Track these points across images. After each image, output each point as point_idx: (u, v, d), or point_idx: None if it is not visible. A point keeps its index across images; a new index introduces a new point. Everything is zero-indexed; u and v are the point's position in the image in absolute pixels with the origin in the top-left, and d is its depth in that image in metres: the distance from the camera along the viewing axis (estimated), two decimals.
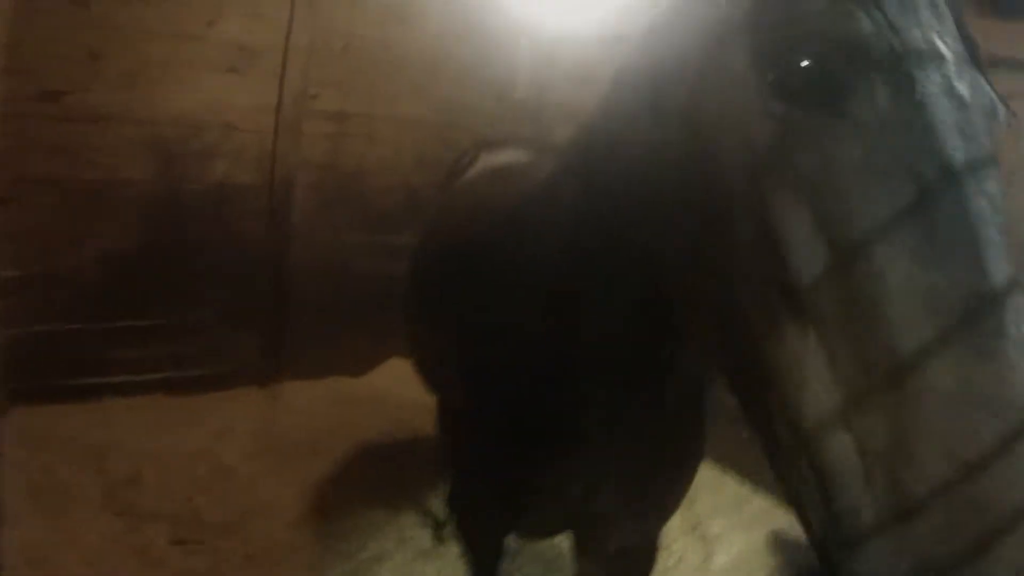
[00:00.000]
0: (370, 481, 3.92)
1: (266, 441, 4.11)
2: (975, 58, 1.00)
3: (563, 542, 2.85)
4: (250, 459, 3.91)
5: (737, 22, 1.00)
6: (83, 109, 3.82)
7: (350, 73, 4.67)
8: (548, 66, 5.24)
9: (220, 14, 4.09)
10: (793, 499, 0.90)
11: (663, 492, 1.95)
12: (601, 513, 1.87)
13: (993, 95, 1.01)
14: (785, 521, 3.77)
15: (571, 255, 1.52)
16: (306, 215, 4.71)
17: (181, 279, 4.32)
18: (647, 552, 2.13)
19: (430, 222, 3.06)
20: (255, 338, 4.68)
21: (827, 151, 0.88)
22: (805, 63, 0.91)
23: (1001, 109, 1.02)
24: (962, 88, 0.92)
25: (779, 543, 3.70)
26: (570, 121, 5.00)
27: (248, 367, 4.66)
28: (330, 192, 4.82)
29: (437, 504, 3.64)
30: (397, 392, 4.74)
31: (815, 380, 0.84)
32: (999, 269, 0.80)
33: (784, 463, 0.90)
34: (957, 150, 0.85)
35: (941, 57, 0.92)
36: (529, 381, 1.69)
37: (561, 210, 1.60)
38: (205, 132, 4.24)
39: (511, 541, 2.42)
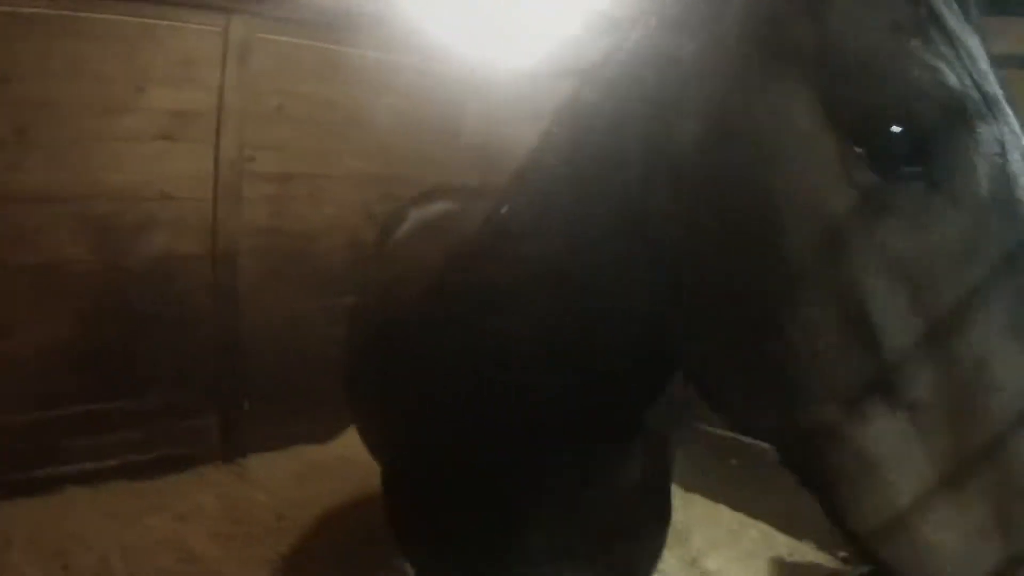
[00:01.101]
0: (340, 552, 3.73)
1: (233, 520, 3.90)
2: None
3: None
4: (218, 541, 3.69)
5: (797, 74, 0.86)
6: (14, 189, 3.62)
7: (288, 132, 4.55)
8: (497, 107, 5.19)
9: (148, 80, 3.94)
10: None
11: (632, 560, 1.78)
12: None
13: None
14: (784, 548, 3.67)
15: (529, 324, 1.30)
16: (253, 283, 4.53)
17: (131, 359, 4.10)
18: None
19: (361, 287, 2.96)
20: (214, 414, 4.45)
21: (923, 226, 0.79)
22: (897, 128, 0.80)
23: None
24: None
25: (780, 570, 3.58)
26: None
27: (209, 444, 4.44)
28: (276, 257, 4.65)
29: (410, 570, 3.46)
30: (364, 457, 4.53)
31: (906, 460, 0.79)
32: None
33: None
34: None
35: (1009, 111, 0.84)
36: (474, 455, 1.53)
37: (512, 272, 1.37)
38: (142, 204, 4.05)
39: None
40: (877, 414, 0.80)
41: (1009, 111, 0.83)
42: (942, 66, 0.80)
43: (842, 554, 3.48)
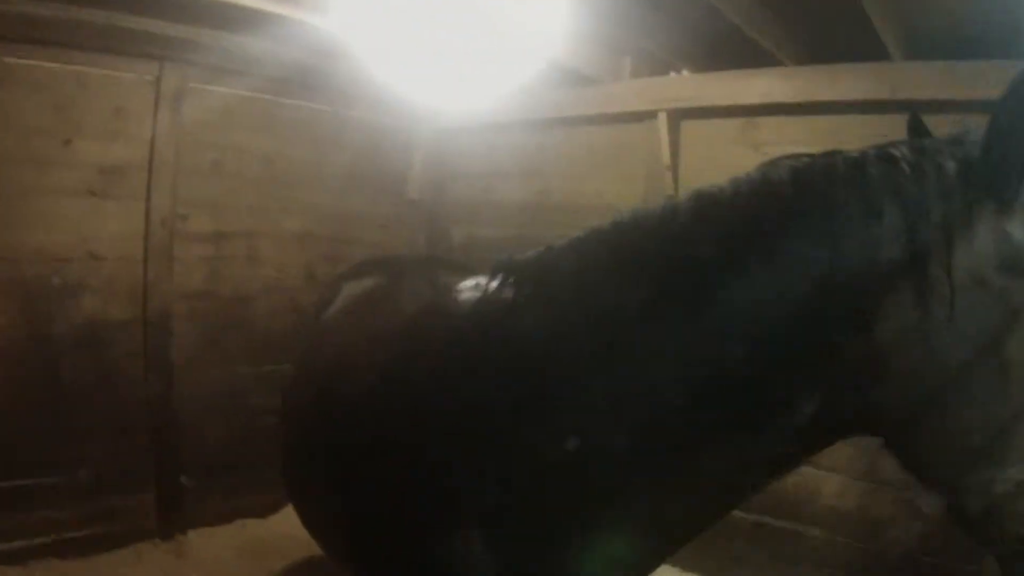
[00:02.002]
0: None
1: None
2: None
3: None
4: None
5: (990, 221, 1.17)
6: None
7: (224, 189, 4.31)
8: (443, 161, 5.06)
9: (77, 132, 3.66)
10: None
11: None
12: None
13: None
14: None
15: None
16: (187, 350, 4.21)
17: (60, 431, 3.72)
18: None
19: (295, 362, 2.91)
20: (150, 489, 4.08)
21: None
22: None
23: None
24: None
25: None
26: (471, 219, 4.91)
27: (146, 521, 4.06)
28: (212, 322, 4.35)
29: None
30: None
31: None
32: None
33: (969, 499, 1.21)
34: None
35: None
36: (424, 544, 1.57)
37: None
38: (69, 265, 3.72)
39: None
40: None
41: None
42: None
43: None
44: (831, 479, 2.45)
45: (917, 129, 1.71)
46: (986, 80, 3.26)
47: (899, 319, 1.20)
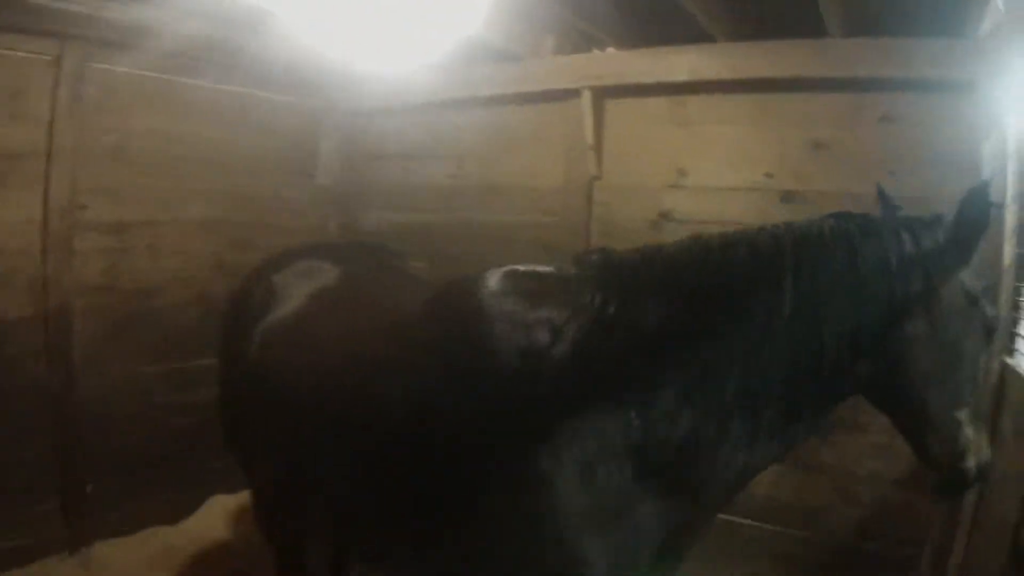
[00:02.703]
0: None
1: None
2: None
3: None
4: None
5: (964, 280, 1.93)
6: None
7: (126, 176, 4.06)
8: (357, 144, 4.89)
9: None
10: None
11: None
12: None
13: None
14: None
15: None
16: (88, 347, 3.95)
17: None
18: None
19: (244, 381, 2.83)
20: (54, 498, 3.81)
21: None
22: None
23: None
24: None
25: None
26: (385, 204, 4.77)
27: (51, 533, 3.78)
28: (115, 317, 4.09)
29: None
30: (220, 536, 4.26)
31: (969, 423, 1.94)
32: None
33: (936, 444, 1.92)
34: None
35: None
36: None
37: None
38: None
39: None
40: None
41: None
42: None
43: None
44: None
45: (884, 197, 2.36)
46: (925, 57, 3.35)
47: (914, 331, 1.87)
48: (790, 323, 1.81)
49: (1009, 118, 3.31)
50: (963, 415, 1.89)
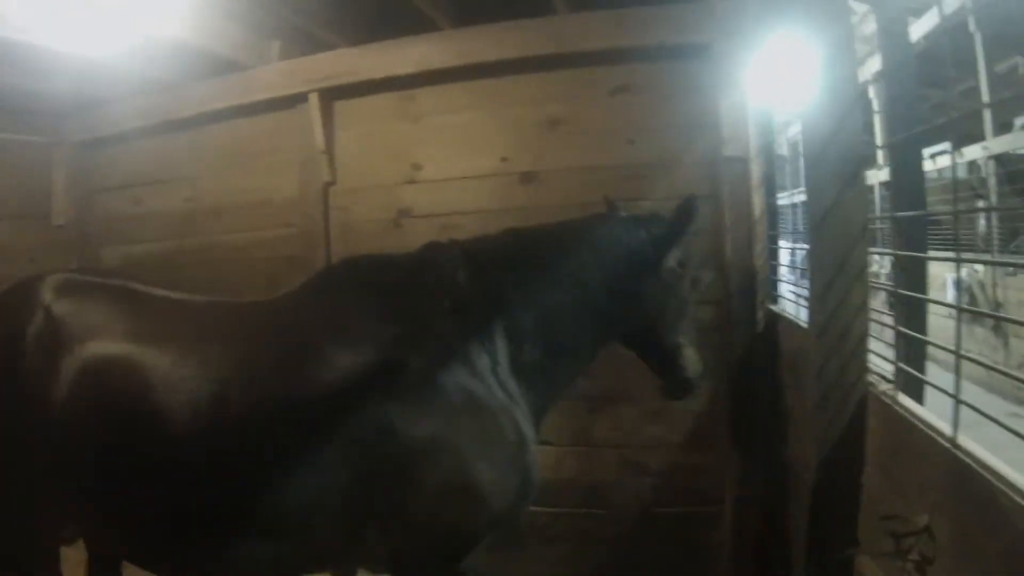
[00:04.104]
0: None
1: None
2: None
3: None
4: None
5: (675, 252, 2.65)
6: None
7: None
8: (87, 177, 4.58)
9: None
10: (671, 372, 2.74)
11: None
12: None
13: None
14: None
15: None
16: None
17: None
18: None
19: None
20: None
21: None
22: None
23: None
24: None
25: None
26: (122, 237, 4.40)
27: None
28: None
29: None
30: None
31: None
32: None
33: (669, 363, 2.72)
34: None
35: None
36: None
37: None
38: None
39: None
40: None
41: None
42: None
43: None
44: (543, 452, 2.33)
45: (612, 206, 2.90)
46: (660, 24, 3.39)
47: (648, 286, 2.60)
48: (582, 284, 2.57)
49: (746, 76, 3.37)
50: (684, 340, 2.70)
